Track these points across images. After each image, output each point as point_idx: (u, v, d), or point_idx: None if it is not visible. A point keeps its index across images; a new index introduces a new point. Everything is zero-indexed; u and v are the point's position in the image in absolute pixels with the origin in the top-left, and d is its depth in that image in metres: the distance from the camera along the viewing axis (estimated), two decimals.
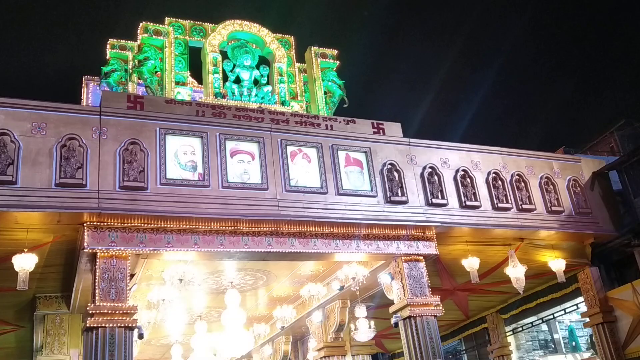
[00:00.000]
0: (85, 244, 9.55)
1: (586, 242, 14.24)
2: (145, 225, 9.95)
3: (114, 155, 10.02)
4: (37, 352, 13.53)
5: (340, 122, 12.32)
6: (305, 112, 13.47)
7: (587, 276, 14.59)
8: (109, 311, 9.43)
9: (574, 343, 19.08)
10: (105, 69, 13.56)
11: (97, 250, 9.65)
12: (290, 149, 11.50)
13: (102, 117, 10.21)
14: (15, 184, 9.19)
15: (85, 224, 9.63)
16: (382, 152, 12.22)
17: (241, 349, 14.31)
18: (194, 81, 13.96)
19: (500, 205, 12.78)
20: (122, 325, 9.47)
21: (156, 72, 12.98)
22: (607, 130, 18.43)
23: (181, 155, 10.59)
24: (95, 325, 9.31)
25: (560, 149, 16.40)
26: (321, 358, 15.37)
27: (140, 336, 10.45)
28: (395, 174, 12.06)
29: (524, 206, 13.05)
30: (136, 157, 10.14)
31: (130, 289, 9.99)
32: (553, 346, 19.60)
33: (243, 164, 11.01)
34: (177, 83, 12.87)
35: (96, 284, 9.59)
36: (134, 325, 9.64)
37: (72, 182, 9.52)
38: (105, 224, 9.73)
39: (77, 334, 12.84)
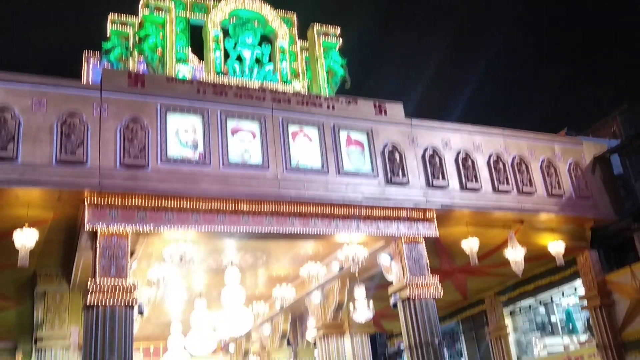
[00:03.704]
0: (86, 221, 9.55)
1: (586, 225, 14.27)
2: (146, 203, 9.94)
3: (114, 133, 9.99)
4: (37, 328, 13.61)
5: (341, 102, 12.25)
6: (306, 92, 13.39)
7: (586, 259, 14.64)
8: (110, 288, 9.46)
9: (571, 326, 19.20)
10: (105, 46, 13.44)
11: (98, 228, 9.64)
12: (291, 128, 11.45)
13: (102, 94, 10.16)
14: (16, 160, 9.18)
15: (85, 202, 9.62)
16: (384, 132, 12.17)
17: (241, 327, 14.38)
18: (195, 58, 13.84)
19: (501, 187, 12.78)
20: (123, 302, 9.50)
21: (157, 49, 12.86)
22: (610, 114, 18.33)
23: (182, 133, 10.55)
24: (95, 302, 9.34)
25: (562, 131, 16.33)
26: (320, 337, 15.47)
27: (141, 313, 10.50)
28: (397, 155, 12.03)
29: (524, 189, 13.05)
30: (137, 135, 10.11)
31: (130, 267, 10.01)
32: (550, 328, 19.73)
33: (244, 143, 10.97)
34: (178, 60, 12.76)
35: (97, 261, 9.61)
36: (134, 302, 9.67)
37: (73, 159, 9.50)
38: (105, 201, 9.71)
39: (77, 311, 12.90)
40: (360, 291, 14.17)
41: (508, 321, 18.99)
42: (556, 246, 13.73)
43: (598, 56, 34.11)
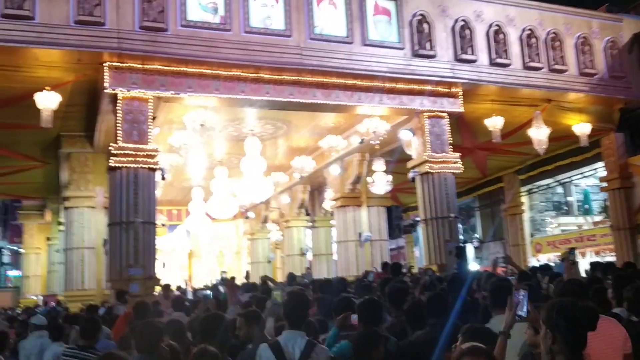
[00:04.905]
0: (107, 85, 9.48)
1: (615, 107, 13.88)
2: (166, 68, 9.79)
3: None
4: (64, 189, 14.05)
5: None
6: None
7: (611, 141, 14.42)
8: (132, 152, 9.59)
9: (587, 206, 19.40)
10: None
11: (119, 91, 9.60)
12: None
13: None
14: (33, 20, 8.94)
15: (105, 64, 9.48)
16: (413, 1, 11.55)
17: (260, 195, 14.73)
18: None
19: (531, 64, 12.31)
20: (145, 165, 9.69)
21: None
22: None
23: None
24: (119, 164, 9.53)
25: (603, 7, 15.37)
26: (337, 207, 15.83)
27: (163, 177, 10.72)
28: (425, 25, 11.51)
29: (555, 66, 12.57)
30: None
31: (152, 132, 10.06)
32: (566, 208, 19.97)
33: (266, 8, 10.50)
34: None
35: (118, 125, 9.67)
36: (156, 166, 9.85)
37: (91, 19, 9.23)
38: (125, 64, 9.57)
39: (101, 173, 13.14)
40: (379, 164, 14.26)
41: (525, 199, 19.19)
42: (582, 127, 13.46)
43: None
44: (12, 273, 30.87)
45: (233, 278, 12.15)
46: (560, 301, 2.67)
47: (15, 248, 29.59)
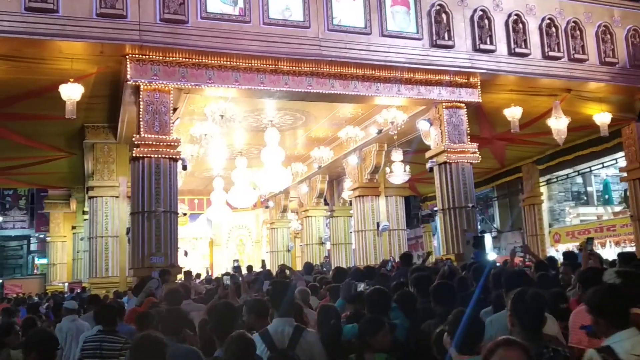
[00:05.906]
0: (129, 76, 9.66)
1: (636, 96, 13.72)
2: (187, 59, 9.94)
3: None
4: (88, 178, 14.34)
5: None
6: None
7: (632, 131, 14.29)
8: (154, 143, 9.79)
9: (607, 196, 19.27)
10: None
11: (140, 83, 9.78)
12: None
13: None
14: (57, 13, 9.12)
15: (127, 56, 9.66)
16: None
17: (279, 185, 14.89)
18: None
19: (551, 53, 12.23)
20: (167, 156, 9.89)
21: None
22: None
23: None
24: (141, 155, 9.74)
25: None
26: (356, 197, 15.94)
27: (184, 167, 10.92)
28: (444, 15, 11.50)
29: (576, 56, 12.47)
30: None
31: (173, 123, 10.25)
32: (585, 198, 19.85)
33: None
34: None
35: (140, 116, 9.86)
36: (177, 156, 10.04)
37: (113, 12, 9.40)
38: (147, 56, 9.74)
39: (124, 163, 13.45)
40: (397, 154, 14.32)
41: (543, 189, 19.12)
42: (602, 117, 13.35)
43: None
44: (39, 261, 31.64)
45: (250, 267, 12.37)
46: (520, 290, 3.13)
47: (42, 236, 30.29)
